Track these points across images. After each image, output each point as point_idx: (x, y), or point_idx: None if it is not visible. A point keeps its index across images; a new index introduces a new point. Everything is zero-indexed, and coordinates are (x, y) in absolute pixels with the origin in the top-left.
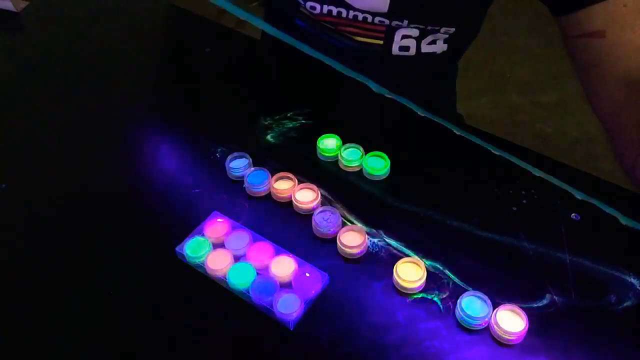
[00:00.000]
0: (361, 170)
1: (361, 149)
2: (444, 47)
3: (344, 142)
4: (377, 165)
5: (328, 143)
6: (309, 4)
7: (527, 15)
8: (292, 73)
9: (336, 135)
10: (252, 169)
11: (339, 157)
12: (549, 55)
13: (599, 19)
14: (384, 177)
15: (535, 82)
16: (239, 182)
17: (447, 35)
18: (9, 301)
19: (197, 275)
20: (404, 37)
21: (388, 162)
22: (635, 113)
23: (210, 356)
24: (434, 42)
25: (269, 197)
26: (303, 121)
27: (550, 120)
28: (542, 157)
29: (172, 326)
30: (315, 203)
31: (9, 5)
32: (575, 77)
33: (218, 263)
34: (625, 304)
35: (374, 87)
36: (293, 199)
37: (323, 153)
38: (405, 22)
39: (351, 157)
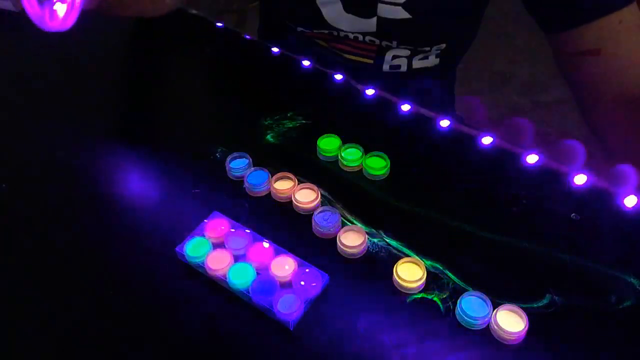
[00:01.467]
0: (361, 170)
1: (361, 149)
2: (437, 61)
3: (344, 142)
4: (377, 165)
5: (328, 143)
6: (299, 28)
7: (527, 15)
8: (290, 73)
9: (336, 135)
10: (252, 169)
11: (339, 157)
12: (549, 55)
13: (592, 36)
14: (384, 177)
15: (536, 82)
16: (239, 182)
17: (438, 51)
18: (8, 301)
19: (197, 275)
20: (395, 57)
21: (388, 162)
22: (635, 135)
23: (210, 356)
24: (425, 57)
25: (269, 197)
26: (303, 121)
27: (551, 120)
28: (542, 157)
29: (172, 326)
30: (315, 203)
31: (9, 5)
32: None
33: (218, 263)
34: (625, 304)
35: None
36: (293, 199)
37: (323, 153)
38: (395, 43)
39: (351, 157)
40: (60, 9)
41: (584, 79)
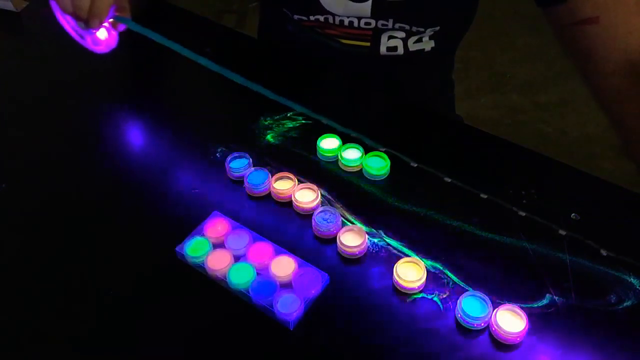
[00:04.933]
0: (361, 170)
1: (361, 149)
2: (432, 43)
3: (344, 142)
4: (377, 165)
5: (328, 143)
6: (296, 16)
7: (527, 15)
8: (290, 73)
9: (336, 135)
10: (252, 169)
11: (339, 157)
12: (549, 55)
13: (590, 4)
14: (384, 177)
15: (536, 82)
16: (239, 182)
17: (432, 32)
18: (8, 301)
19: (197, 275)
20: (391, 37)
21: (388, 162)
22: (638, 100)
23: (210, 356)
24: (420, 40)
25: (269, 197)
26: (303, 121)
27: (551, 120)
28: (542, 157)
29: (172, 326)
30: (315, 203)
31: (9, 5)
32: (575, 76)
33: (218, 263)
34: (625, 304)
35: None
36: (293, 199)
37: (323, 153)
38: (391, 21)
39: (351, 157)
40: (101, 34)
41: (585, 49)
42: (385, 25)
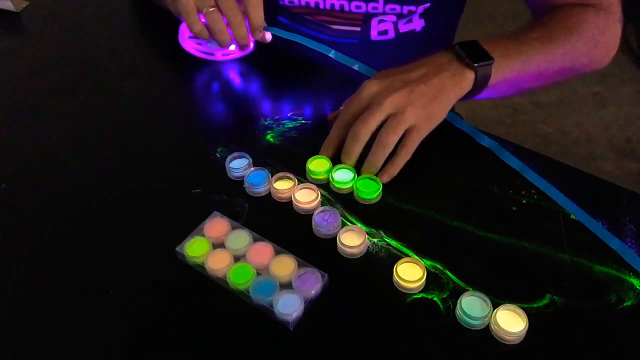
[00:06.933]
0: (352, 193)
1: (353, 170)
2: (421, 22)
3: (334, 164)
4: (369, 189)
5: (318, 165)
6: (285, 1)
7: (527, 15)
8: (292, 72)
9: (326, 158)
10: (252, 169)
11: (330, 179)
12: None
13: None
14: (376, 201)
15: None
16: (239, 182)
17: (422, 10)
18: (9, 301)
19: (197, 275)
20: (381, 21)
21: (380, 185)
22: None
23: (210, 356)
24: (410, 20)
25: (269, 197)
26: (303, 121)
27: (551, 120)
28: (542, 157)
29: (172, 326)
30: (315, 203)
31: (9, 5)
32: (575, 77)
33: (218, 263)
34: (625, 304)
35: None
36: (293, 199)
37: (313, 175)
38: (381, 2)
39: (342, 178)
40: (231, 46)
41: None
42: (375, 8)
